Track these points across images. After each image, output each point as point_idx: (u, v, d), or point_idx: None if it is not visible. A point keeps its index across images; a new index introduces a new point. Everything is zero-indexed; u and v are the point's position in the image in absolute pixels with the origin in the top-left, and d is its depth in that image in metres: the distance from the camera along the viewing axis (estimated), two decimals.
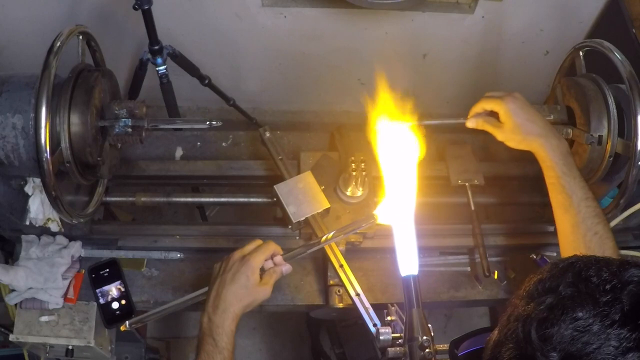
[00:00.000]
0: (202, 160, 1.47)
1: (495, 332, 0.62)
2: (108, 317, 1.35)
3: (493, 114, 1.24)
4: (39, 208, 1.30)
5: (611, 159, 1.22)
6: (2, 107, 1.11)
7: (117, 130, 1.20)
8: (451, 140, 1.54)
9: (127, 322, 1.16)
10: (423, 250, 1.37)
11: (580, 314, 0.51)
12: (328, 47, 2.23)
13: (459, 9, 2.08)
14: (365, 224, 1.09)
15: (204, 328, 1.03)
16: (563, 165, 1.15)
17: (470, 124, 1.27)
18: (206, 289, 1.11)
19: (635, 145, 1.14)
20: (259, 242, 1.12)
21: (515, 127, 1.19)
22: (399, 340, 0.98)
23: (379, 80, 1.14)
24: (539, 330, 0.52)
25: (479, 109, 1.26)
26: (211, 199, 1.47)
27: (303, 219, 1.27)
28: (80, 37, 1.18)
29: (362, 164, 1.28)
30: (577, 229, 1.11)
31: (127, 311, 1.36)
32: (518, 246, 1.43)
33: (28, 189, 1.29)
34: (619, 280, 0.53)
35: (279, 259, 1.12)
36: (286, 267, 1.12)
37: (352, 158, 1.29)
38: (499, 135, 1.23)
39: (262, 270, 1.10)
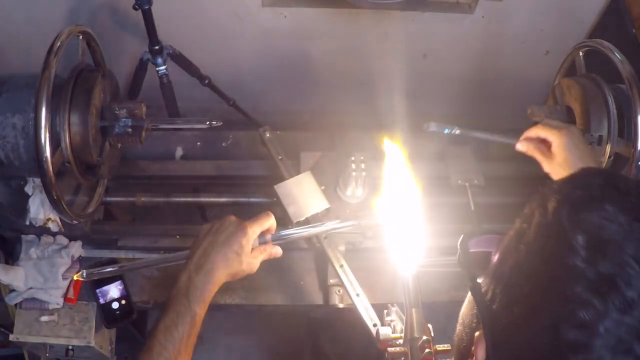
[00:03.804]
0: (202, 160, 1.47)
1: (510, 232, 0.62)
2: (108, 317, 1.35)
3: (545, 142, 1.21)
4: (39, 208, 1.30)
5: (611, 159, 1.22)
6: (2, 107, 1.11)
7: (117, 130, 1.20)
8: (451, 140, 1.54)
9: (83, 271, 1.07)
10: (423, 250, 1.37)
11: (609, 208, 0.54)
12: (328, 47, 2.23)
13: (459, 9, 2.08)
14: (365, 222, 1.08)
15: (180, 286, 0.96)
16: None
17: (521, 147, 1.23)
18: (185, 252, 1.03)
19: (635, 145, 1.14)
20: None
21: (565, 162, 1.15)
22: (399, 340, 0.99)
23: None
24: (570, 214, 0.54)
25: (533, 134, 1.22)
26: (211, 199, 1.47)
27: (303, 219, 1.27)
28: (80, 37, 1.18)
29: (362, 164, 1.28)
30: None
31: (127, 311, 1.36)
32: None
33: (28, 189, 1.29)
34: None
35: (269, 237, 1.05)
36: (275, 249, 1.06)
37: (352, 158, 1.29)
38: (547, 167, 1.19)
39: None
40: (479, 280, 0.65)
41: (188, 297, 0.95)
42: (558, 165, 1.17)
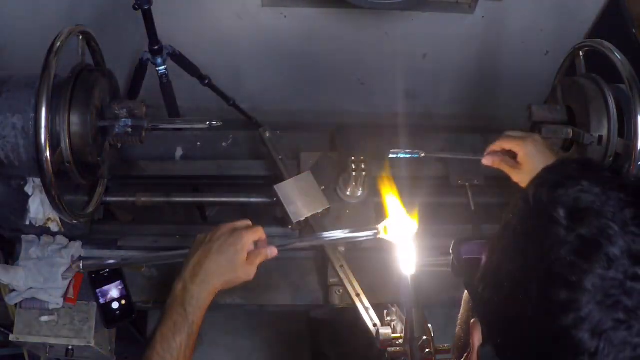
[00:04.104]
0: (202, 160, 1.47)
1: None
2: (108, 317, 1.35)
3: (511, 154, 1.22)
4: (39, 208, 1.30)
5: (611, 159, 1.22)
6: (2, 107, 1.11)
7: (117, 130, 1.20)
8: (451, 140, 1.54)
9: (80, 263, 1.10)
10: (423, 250, 1.37)
11: (584, 183, 0.57)
12: (328, 47, 2.23)
13: (459, 9, 2.08)
14: (365, 236, 1.05)
15: (176, 295, 0.96)
16: None
17: (487, 161, 1.25)
18: (186, 251, 1.04)
19: (635, 145, 1.14)
20: (248, 222, 1.08)
21: (533, 170, 1.16)
22: (399, 340, 0.99)
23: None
24: (549, 193, 0.58)
25: (498, 147, 1.23)
26: (211, 199, 1.47)
27: (303, 219, 1.27)
28: (80, 37, 1.18)
29: (362, 164, 1.28)
30: None
31: (127, 311, 1.36)
32: None
33: (28, 189, 1.29)
34: (618, 171, 0.62)
35: (263, 243, 1.06)
36: (271, 250, 1.05)
37: (352, 158, 1.29)
38: (516, 177, 1.21)
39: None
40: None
41: (184, 306, 0.95)
42: (527, 173, 1.18)
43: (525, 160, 1.18)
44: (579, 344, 0.53)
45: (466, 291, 0.73)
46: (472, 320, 0.66)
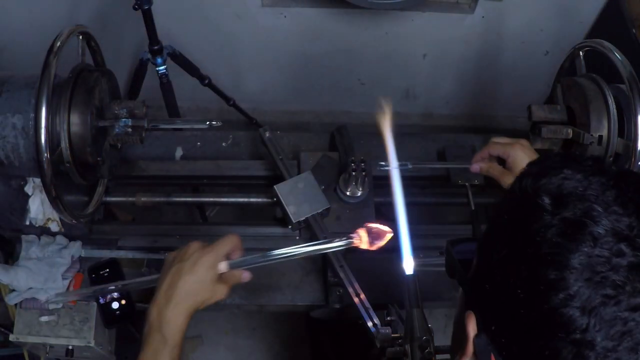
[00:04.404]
0: (202, 160, 1.47)
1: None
2: (108, 317, 1.35)
3: (499, 160, 1.23)
4: (39, 208, 1.30)
5: (611, 159, 1.22)
6: (2, 107, 1.11)
7: (117, 130, 1.20)
8: (451, 140, 1.54)
9: (55, 294, 1.06)
10: (423, 250, 1.37)
11: (567, 171, 0.60)
12: (328, 47, 2.23)
13: (459, 9, 2.08)
14: (342, 244, 0.98)
15: (152, 321, 0.93)
16: None
17: (474, 169, 1.26)
18: (158, 275, 0.99)
19: (635, 145, 1.14)
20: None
21: None
22: (399, 340, 0.99)
23: None
24: (533, 183, 0.61)
25: (485, 154, 1.25)
26: (211, 199, 1.47)
27: (303, 219, 1.27)
28: (80, 37, 1.18)
29: (362, 164, 1.28)
30: None
31: (127, 311, 1.36)
32: None
33: (28, 189, 1.29)
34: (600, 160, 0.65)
35: (238, 253, 0.99)
36: (246, 274, 0.99)
37: (352, 158, 1.29)
38: (505, 182, 1.21)
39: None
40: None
41: (162, 332, 0.92)
42: None
43: (515, 164, 1.19)
44: (570, 322, 0.55)
45: (461, 289, 0.74)
46: (466, 313, 0.67)
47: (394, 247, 0.98)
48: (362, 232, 0.96)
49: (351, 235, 0.97)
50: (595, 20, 2.09)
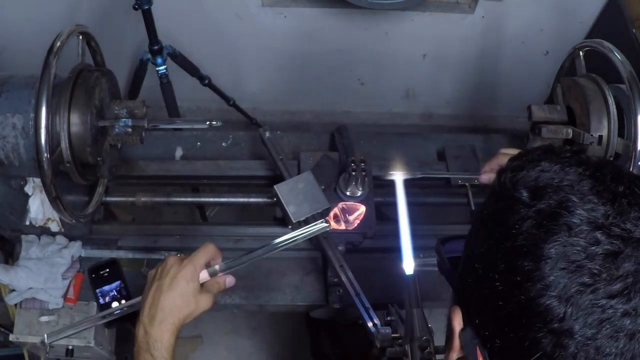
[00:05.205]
0: (202, 160, 1.47)
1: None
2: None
3: None
4: (39, 208, 1.30)
5: (611, 159, 1.22)
6: (2, 107, 1.11)
7: (117, 130, 1.20)
8: (451, 140, 1.54)
9: (45, 335, 1.03)
10: (423, 250, 1.37)
11: (544, 164, 0.61)
12: (328, 47, 2.23)
13: (459, 9, 2.08)
14: (316, 230, 0.98)
15: (139, 342, 0.91)
16: None
17: (484, 180, 1.25)
18: (140, 298, 0.98)
19: (635, 145, 1.14)
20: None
21: None
22: (399, 340, 0.99)
23: None
24: (512, 177, 0.62)
25: (494, 165, 1.23)
26: (211, 199, 1.47)
27: (303, 219, 1.27)
28: (80, 37, 1.18)
29: (362, 164, 1.28)
30: None
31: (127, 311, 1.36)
32: None
33: (28, 189, 1.29)
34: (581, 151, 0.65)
35: (217, 260, 0.98)
36: (229, 279, 0.98)
37: (352, 158, 1.29)
38: None
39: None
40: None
41: (150, 352, 0.90)
42: None
43: None
44: (547, 311, 0.55)
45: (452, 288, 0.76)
46: (452, 307, 0.69)
47: (394, 247, 0.98)
48: (336, 210, 0.98)
49: (326, 219, 0.99)
50: (595, 20, 2.09)
